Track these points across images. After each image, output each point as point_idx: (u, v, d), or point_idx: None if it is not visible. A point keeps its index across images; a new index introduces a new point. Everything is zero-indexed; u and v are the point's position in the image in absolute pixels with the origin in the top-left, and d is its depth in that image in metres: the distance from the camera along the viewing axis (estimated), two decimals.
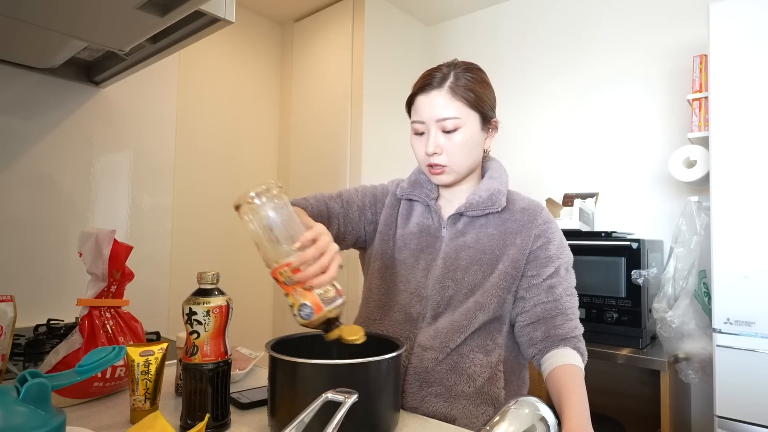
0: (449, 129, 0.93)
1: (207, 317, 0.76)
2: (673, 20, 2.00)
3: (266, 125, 2.68)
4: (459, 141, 0.93)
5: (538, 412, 0.53)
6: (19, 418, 0.51)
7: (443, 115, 0.92)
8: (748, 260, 1.33)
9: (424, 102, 0.94)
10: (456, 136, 0.93)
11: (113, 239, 0.93)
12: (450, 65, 0.97)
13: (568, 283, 0.97)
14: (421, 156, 0.97)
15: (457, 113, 0.92)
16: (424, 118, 0.94)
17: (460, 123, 0.93)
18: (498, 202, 0.97)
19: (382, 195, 1.10)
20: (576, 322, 0.95)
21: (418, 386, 0.92)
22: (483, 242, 0.97)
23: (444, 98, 0.93)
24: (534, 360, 0.96)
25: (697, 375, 1.53)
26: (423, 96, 0.95)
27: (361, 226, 1.07)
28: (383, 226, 1.07)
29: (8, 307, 0.90)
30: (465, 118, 0.93)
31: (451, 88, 0.93)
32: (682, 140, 1.90)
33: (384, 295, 1.02)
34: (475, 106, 0.94)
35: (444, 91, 0.93)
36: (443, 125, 0.93)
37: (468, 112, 0.93)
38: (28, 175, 1.69)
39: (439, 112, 0.93)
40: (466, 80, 0.94)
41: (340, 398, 0.58)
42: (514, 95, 2.43)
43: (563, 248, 0.99)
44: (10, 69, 1.62)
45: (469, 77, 0.94)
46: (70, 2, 1.10)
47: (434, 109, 0.93)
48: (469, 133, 0.94)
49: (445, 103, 0.92)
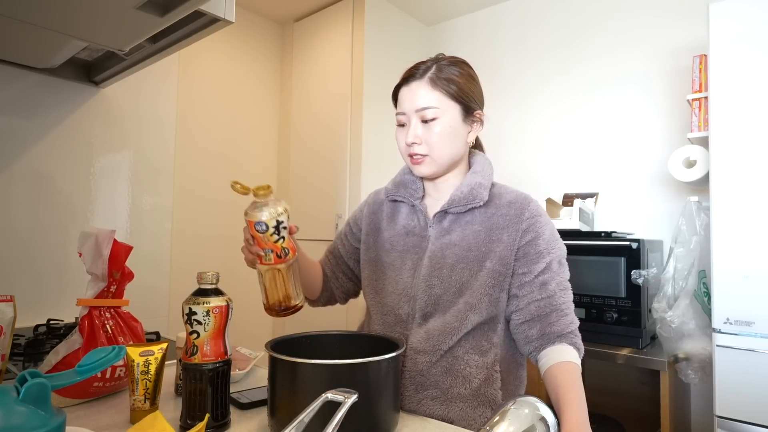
0: (428, 118, 0.93)
1: (207, 317, 0.76)
2: (672, 20, 2.00)
3: (266, 125, 2.68)
4: (438, 131, 0.93)
5: (537, 412, 0.53)
6: (19, 418, 0.51)
7: (422, 105, 0.93)
8: (747, 260, 1.33)
9: (406, 93, 0.96)
10: (435, 125, 0.93)
11: (113, 239, 0.93)
12: (434, 59, 0.98)
13: (561, 278, 0.95)
14: (402, 147, 0.98)
15: (437, 103, 0.93)
16: (404, 109, 0.96)
17: (439, 113, 0.93)
18: (479, 196, 0.96)
19: (358, 215, 1.14)
20: (571, 317, 0.93)
21: (414, 390, 0.92)
22: (469, 239, 0.95)
23: (424, 89, 0.94)
24: (531, 357, 0.95)
25: (696, 375, 1.53)
26: (405, 88, 0.97)
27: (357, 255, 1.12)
28: (365, 236, 1.08)
29: (8, 307, 0.90)
30: (444, 108, 0.94)
31: (431, 78, 0.94)
32: (682, 140, 1.90)
33: (374, 299, 1.02)
34: (456, 97, 0.94)
35: (424, 82, 0.94)
36: (422, 114, 0.93)
37: (448, 103, 0.94)
38: (28, 174, 1.69)
39: (418, 101, 0.94)
40: (449, 72, 0.95)
41: (340, 398, 0.58)
42: (514, 95, 2.43)
43: (554, 241, 0.96)
44: (10, 69, 1.62)
45: (452, 69, 0.95)
46: (70, 2, 1.10)
47: (414, 99, 0.94)
48: (449, 124, 0.94)
49: (425, 93, 0.93)
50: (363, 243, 1.08)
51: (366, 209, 1.12)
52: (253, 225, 0.79)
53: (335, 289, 1.15)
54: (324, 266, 1.16)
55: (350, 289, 1.16)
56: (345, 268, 1.14)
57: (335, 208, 2.37)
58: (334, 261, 1.15)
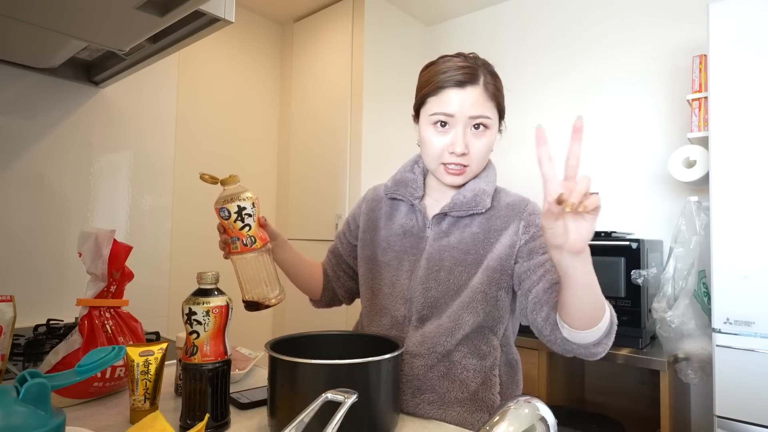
0: (479, 129, 0.91)
1: (207, 317, 0.76)
2: (672, 20, 2.00)
3: (266, 125, 2.68)
4: (485, 143, 0.92)
5: (537, 412, 0.53)
6: (19, 418, 0.51)
7: (478, 113, 0.90)
8: (747, 260, 1.33)
9: (458, 95, 0.90)
10: (483, 137, 0.91)
11: (113, 239, 0.93)
12: (476, 59, 0.94)
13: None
14: (437, 152, 0.92)
15: (490, 113, 0.91)
16: (455, 111, 0.89)
17: (489, 124, 0.91)
18: (482, 203, 0.94)
19: (356, 212, 1.13)
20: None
21: (411, 393, 0.91)
22: (467, 242, 0.93)
23: (481, 96, 0.90)
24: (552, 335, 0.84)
25: (696, 375, 1.53)
26: (458, 90, 0.90)
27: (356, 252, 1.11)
28: (362, 232, 1.07)
29: (8, 307, 0.90)
30: (494, 120, 0.92)
31: (487, 87, 0.91)
32: (682, 140, 1.90)
33: (370, 300, 1.01)
34: (501, 110, 0.94)
35: (480, 89, 0.90)
36: (475, 123, 0.90)
37: (495, 115, 0.93)
38: (28, 175, 1.69)
39: (475, 109, 0.89)
40: (495, 82, 0.93)
41: (340, 398, 0.58)
42: (514, 95, 2.43)
43: None
44: (10, 69, 1.62)
45: (496, 79, 0.94)
46: (70, 2, 1.10)
47: (470, 105, 0.89)
48: (493, 137, 0.93)
49: (483, 102, 0.90)
50: (360, 240, 1.07)
51: (364, 206, 1.10)
52: (218, 211, 0.85)
53: (337, 288, 1.14)
54: (325, 266, 1.15)
55: (352, 288, 1.15)
56: (345, 266, 1.14)
57: (335, 208, 2.37)
58: (334, 260, 1.15)
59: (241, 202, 0.85)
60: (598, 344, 0.81)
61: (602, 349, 0.81)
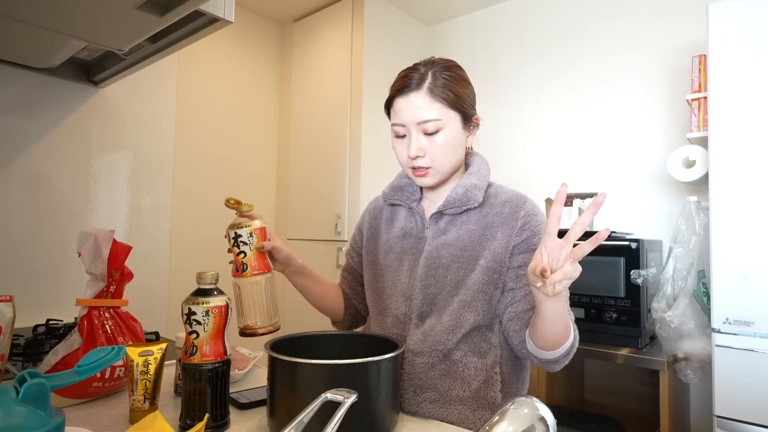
0: (431, 131, 0.91)
1: (206, 317, 0.76)
2: (672, 20, 2.00)
3: (265, 125, 2.67)
4: (441, 142, 0.92)
5: (537, 412, 0.53)
6: (18, 418, 0.51)
7: (424, 118, 0.90)
8: (747, 260, 1.33)
9: (404, 104, 0.92)
10: (438, 137, 0.91)
11: (112, 239, 0.93)
12: (427, 64, 0.95)
13: None
14: (403, 159, 0.96)
15: (438, 115, 0.90)
16: (404, 120, 0.92)
17: (441, 124, 0.91)
18: (473, 197, 0.95)
19: (360, 224, 1.15)
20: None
21: (412, 392, 0.92)
22: (464, 239, 0.95)
23: (423, 100, 0.90)
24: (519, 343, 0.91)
25: (696, 375, 1.53)
26: (402, 98, 0.92)
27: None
28: (366, 241, 1.09)
29: (7, 307, 0.90)
30: (446, 119, 0.91)
31: (430, 89, 0.90)
32: (681, 140, 1.90)
33: (375, 302, 1.03)
34: (456, 105, 0.92)
35: (423, 93, 0.90)
36: (424, 127, 0.91)
37: (449, 113, 0.91)
38: (27, 174, 1.69)
39: (420, 114, 0.90)
40: (445, 79, 0.92)
41: (340, 398, 0.58)
42: (513, 95, 2.43)
43: None
44: (9, 69, 1.62)
45: (448, 76, 0.92)
46: (70, 2, 1.10)
47: (414, 112, 0.91)
48: (451, 134, 0.92)
49: (425, 105, 0.90)
50: (365, 248, 1.09)
51: (366, 216, 1.13)
52: (226, 235, 0.92)
53: (358, 304, 1.14)
54: (342, 286, 1.15)
55: None
56: (361, 279, 1.13)
57: (334, 209, 2.37)
58: (349, 277, 1.15)
59: (239, 230, 0.90)
60: (556, 362, 0.88)
61: (559, 366, 0.89)
